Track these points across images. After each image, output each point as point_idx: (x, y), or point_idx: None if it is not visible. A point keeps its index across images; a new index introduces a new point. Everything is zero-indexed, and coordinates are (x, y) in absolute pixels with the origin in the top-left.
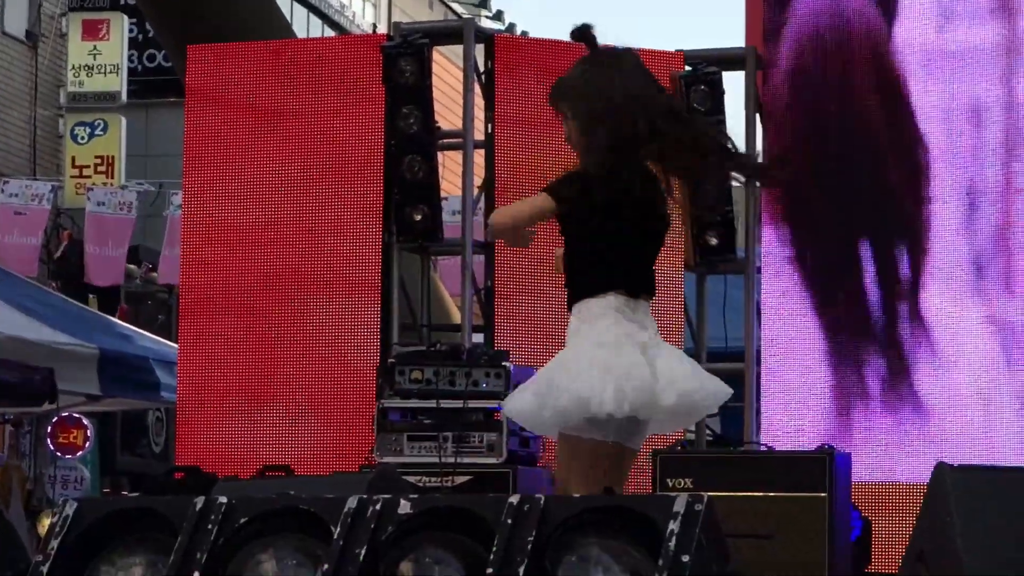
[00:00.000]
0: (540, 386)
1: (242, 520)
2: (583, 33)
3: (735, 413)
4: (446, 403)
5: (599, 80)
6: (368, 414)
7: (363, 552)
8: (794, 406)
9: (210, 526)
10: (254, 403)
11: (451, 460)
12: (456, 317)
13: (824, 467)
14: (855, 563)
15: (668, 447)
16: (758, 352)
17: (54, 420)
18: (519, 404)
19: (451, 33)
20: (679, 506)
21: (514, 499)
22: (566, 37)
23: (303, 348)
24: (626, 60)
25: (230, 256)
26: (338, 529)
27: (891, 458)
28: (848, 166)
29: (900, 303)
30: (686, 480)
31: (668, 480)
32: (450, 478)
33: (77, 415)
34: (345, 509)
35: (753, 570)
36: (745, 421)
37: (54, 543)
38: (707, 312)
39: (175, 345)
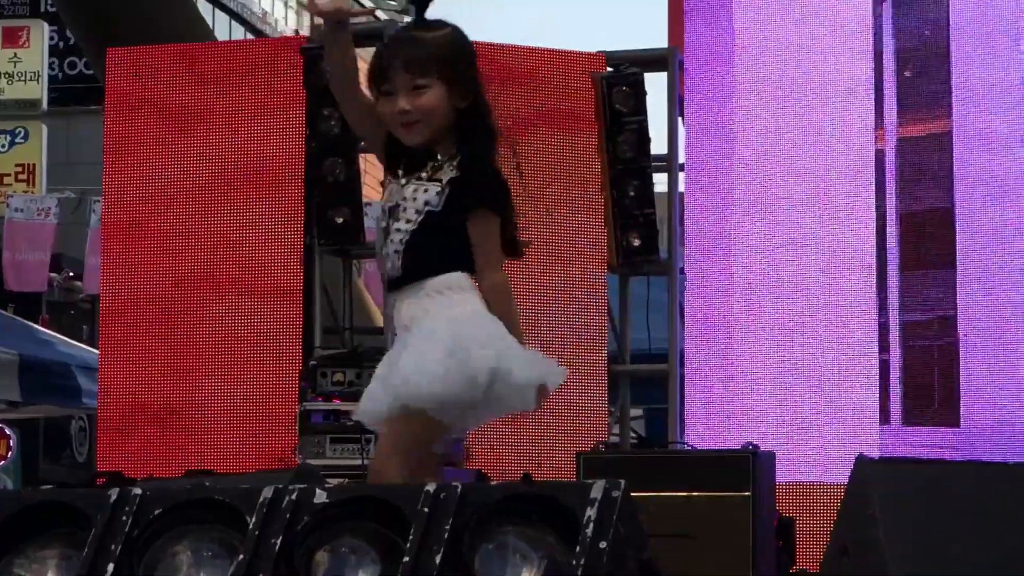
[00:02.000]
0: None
1: (157, 511)
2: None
3: (659, 415)
4: None
5: None
6: (291, 417)
7: (279, 542)
8: (718, 405)
9: (124, 518)
10: (176, 408)
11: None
12: (378, 320)
13: (748, 466)
14: (779, 562)
15: (591, 448)
16: (682, 353)
17: None
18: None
19: (372, 35)
20: (596, 492)
21: (430, 487)
22: (487, 39)
23: (225, 352)
24: None
25: (151, 260)
26: (253, 519)
27: (816, 457)
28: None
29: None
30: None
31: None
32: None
33: None
34: (261, 499)
35: (677, 570)
36: (669, 422)
37: None
38: (630, 314)
39: (96, 352)
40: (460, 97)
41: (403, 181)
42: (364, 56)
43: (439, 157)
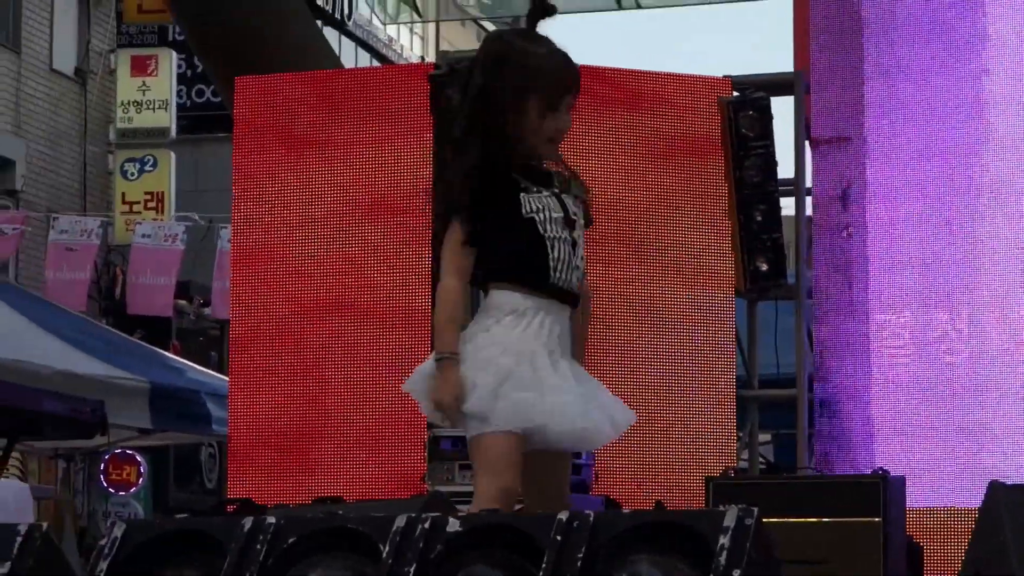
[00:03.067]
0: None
1: (291, 540)
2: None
3: (788, 440)
4: None
5: None
6: (420, 443)
7: (412, 570)
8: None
9: (259, 546)
10: (306, 434)
11: None
12: None
13: (878, 491)
14: None
15: (720, 473)
16: (810, 378)
17: (107, 456)
18: None
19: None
20: (729, 520)
21: (563, 516)
22: (612, 63)
23: (354, 378)
24: None
25: (279, 286)
26: (387, 548)
27: (946, 483)
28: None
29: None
30: (737, 506)
31: (721, 506)
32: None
33: (130, 451)
34: (394, 528)
35: None
36: (798, 447)
37: (102, 565)
38: (758, 338)
39: (225, 378)
40: None
41: (548, 193)
42: None
43: (557, 174)
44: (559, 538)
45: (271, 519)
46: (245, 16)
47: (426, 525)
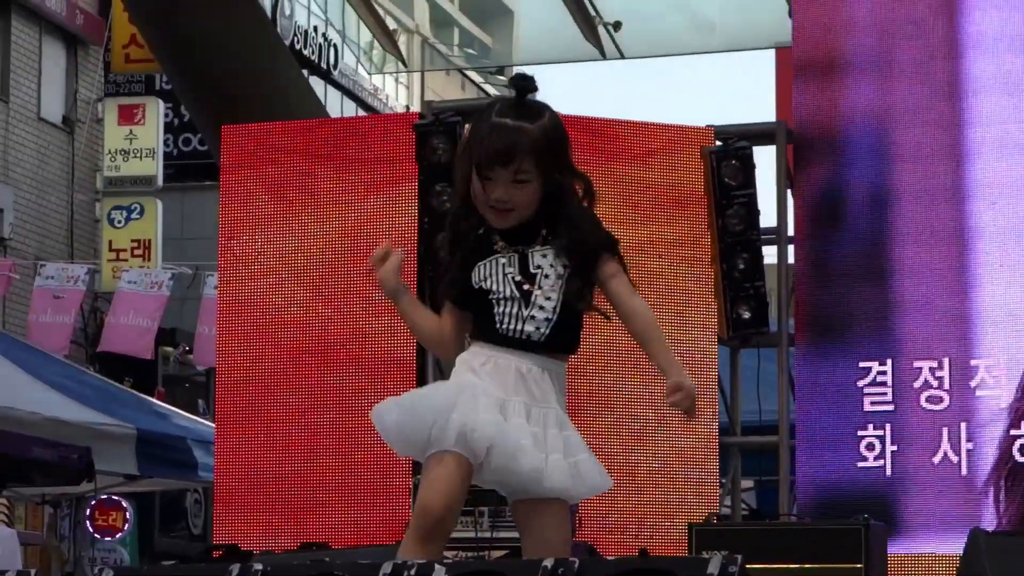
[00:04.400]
0: None
1: None
2: (528, 87)
3: (770, 486)
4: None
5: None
6: (406, 490)
7: None
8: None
9: None
10: (292, 480)
11: (487, 535)
12: None
13: (860, 538)
14: None
15: (703, 520)
16: (792, 425)
17: (93, 502)
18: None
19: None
20: (713, 568)
21: (548, 563)
22: (596, 113)
23: (340, 423)
24: None
25: (266, 334)
26: None
27: (928, 530)
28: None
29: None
30: (721, 553)
31: (704, 552)
32: (486, 553)
33: (116, 497)
34: (380, 574)
35: None
36: (780, 494)
37: None
38: (740, 385)
39: (211, 425)
40: (551, 183)
41: (519, 250)
42: None
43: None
44: None
45: (258, 566)
46: (232, 66)
47: (412, 572)
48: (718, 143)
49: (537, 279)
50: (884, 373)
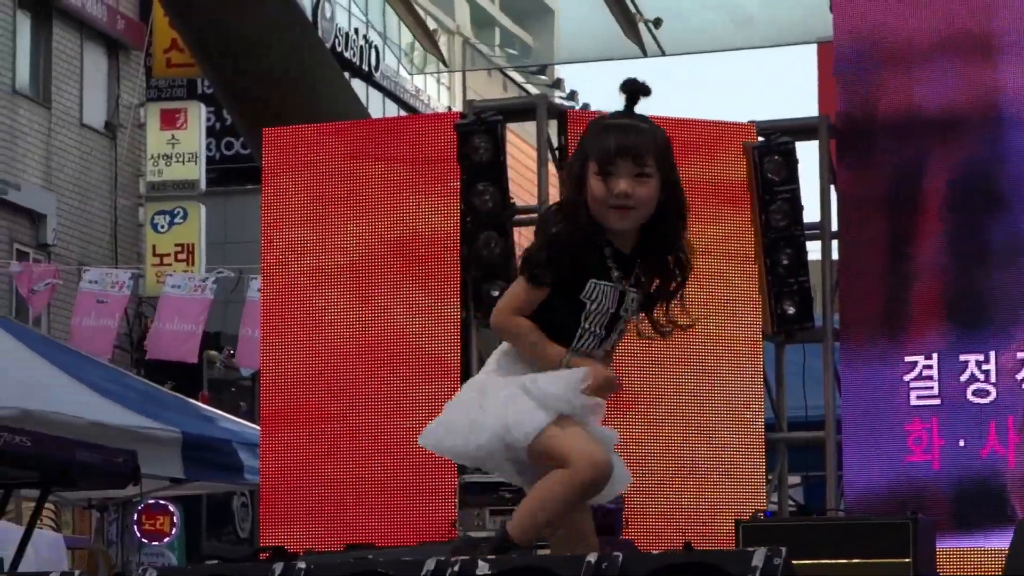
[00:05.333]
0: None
1: None
2: (640, 90)
3: (817, 482)
4: None
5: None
6: (451, 491)
7: None
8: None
9: None
10: (337, 481)
11: None
12: None
13: (908, 533)
14: None
15: (750, 517)
16: (838, 420)
17: (140, 507)
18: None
19: (524, 110)
20: (758, 560)
21: (591, 558)
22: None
23: (385, 425)
24: None
25: (309, 336)
26: None
27: (976, 524)
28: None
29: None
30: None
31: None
32: (533, 551)
33: (163, 502)
34: (423, 572)
35: None
36: (827, 489)
37: None
38: (786, 381)
39: (256, 427)
40: (669, 185)
41: (621, 288)
42: (516, 132)
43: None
44: None
45: (301, 564)
46: (273, 69)
47: (456, 569)
48: (760, 139)
49: (619, 323)
50: (930, 367)
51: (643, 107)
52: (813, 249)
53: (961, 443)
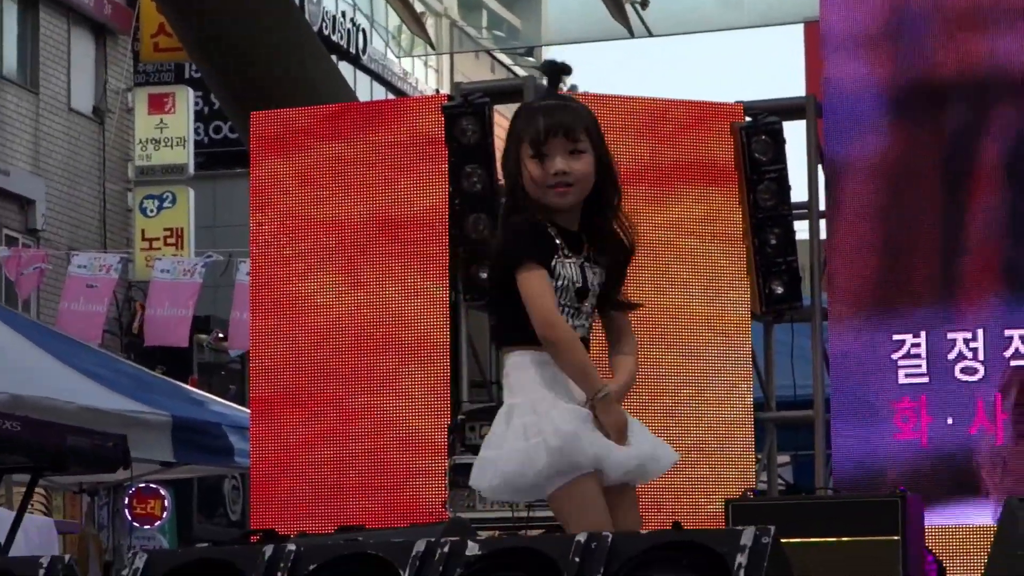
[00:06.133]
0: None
1: (311, 567)
2: (561, 70)
3: (807, 461)
4: None
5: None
6: (440, 471)
7: None
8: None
9: (279, 573)
10: (328, 464)
11: (524, 514)
12: None
13: (897, 510)
14: None
15: (740, 496)
16: (827, 399)
17: (131, 491)
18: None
19: (512, 91)
20: (746, 539)
21: (581, 537)
22: (625, 91)
23: (374, 406)
24: None
25: (299, 318)
26: (407, 572)
27: (965, 501)
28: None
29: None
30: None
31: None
32: (524, 532)
33: (154, 485)
34: (414, 553)
35: None
36: (816, 468)
37: None
38: (775, 360)
39: (246, 410)
40: (602, 161)
41: (579, 261)
42: (504, 114)
43: (585, 241)
44: (578, 559)
45: (291, 546)
46: (261, 53)
47: (445, 549)
48: (747, 119)
49: (589, 296)
50: (918, 346)
51: (631, 89)
52: (801, 229)
53: (949, 421)
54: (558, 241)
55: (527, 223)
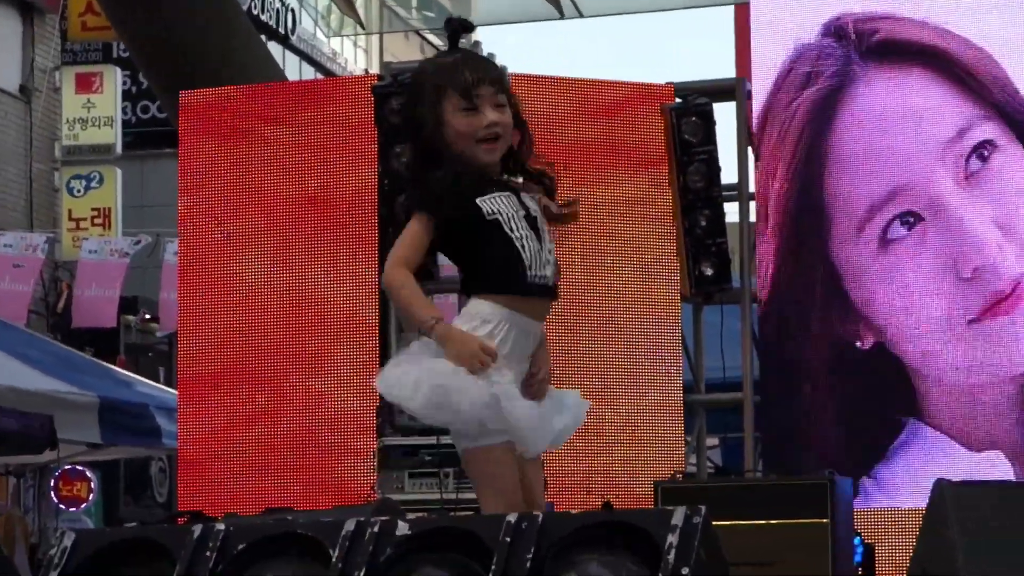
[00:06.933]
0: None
1: (240, 546)
2: (463, 26)
3: (735, 443)
4: (447, 439)
5: None
6: (369, 453)
7: (362, 574)
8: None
9: (208, 553)
10: (256, 446)
11: (453, 496)
12: None
13: (826, 493)
14: None
15: (669, 478)
16: (756, 382)
17: (57, 473)
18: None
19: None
20: (677, 519)
21: (511, 517)
22: (556, 72)
23: (303, 390)
24: None
25: (227, 299)
26: (336, 552)
27: (894, 484)
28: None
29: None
30: None
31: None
32: (452, 514)
33: (80, 467)
34: (343, 532)
35: None
36: (745, 450)
37: (53, 574)
38: (704, 343)
39: (174, 392)
40: (516, 114)
41: (506, 193)
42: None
43: (510, 186)
44: (508, 539)
45: (220, 526)
46: (189, 31)
47: (375, 529)
48: (678, 100)
49: (539, 223)
50: None
51: (562, 71)
52: (731, 211)
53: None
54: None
55: (451, 174)
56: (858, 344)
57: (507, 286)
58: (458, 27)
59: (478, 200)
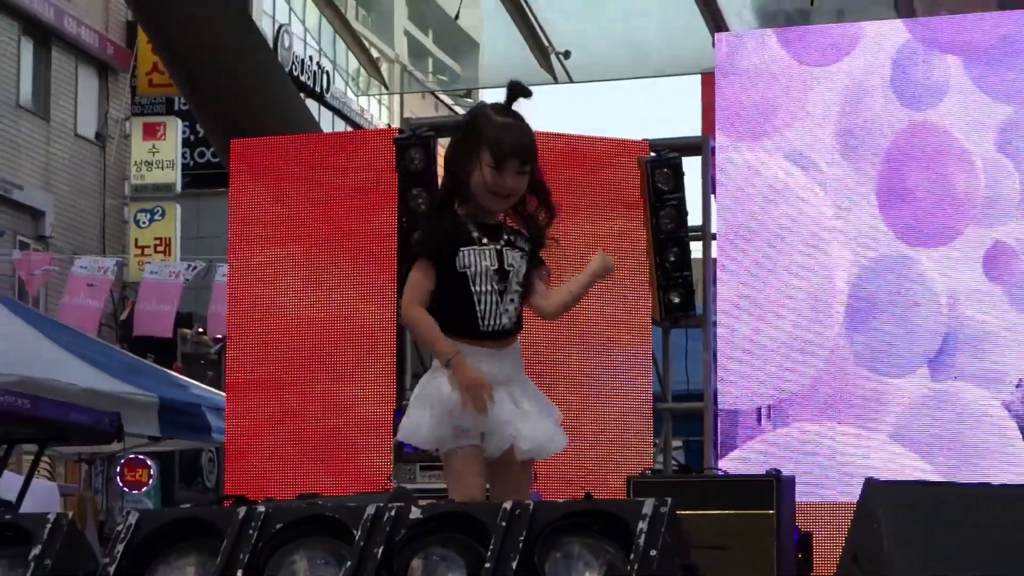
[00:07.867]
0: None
1: (278, 526)
2: (522, 93)
3: (696, 445)
4: None
5: None
6: (387, 448)
7: (380, 551)
8: (746, 437)
9: (251, 531)
10: (290, 441)
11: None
12: None
13: (772, 488)
14: (799, 570)
15: (639, 474)
16: (715, 393)
17: (122, 461)
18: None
19: (453, 127)
20: (647, 509)
21: (507, 505)
22: (549, 129)
23: (331, 393)
24: None
25: (269, 317)
26: (359, 532)
27: (829, 480)
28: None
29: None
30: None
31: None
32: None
33: (142, 456)
34: (365, 515)
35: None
36: (704, 451)
37: (119, 547)
38: (672, 360)
39: (223, 394)
40: (535, 180)
41: (496, 247)
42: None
43: (507, 229)
44: (504, 524)
45: (261, 508)
46: (240, 90)
47: (392, 513)
48: (652, 154)
49: (510, 276)
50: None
51: (554, 127)
52: (696, 248)
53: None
54: (475, 234)
55: (441, 221)
56: None
57: (461, 331)
58: (516, 90)
59: (461, 250)
